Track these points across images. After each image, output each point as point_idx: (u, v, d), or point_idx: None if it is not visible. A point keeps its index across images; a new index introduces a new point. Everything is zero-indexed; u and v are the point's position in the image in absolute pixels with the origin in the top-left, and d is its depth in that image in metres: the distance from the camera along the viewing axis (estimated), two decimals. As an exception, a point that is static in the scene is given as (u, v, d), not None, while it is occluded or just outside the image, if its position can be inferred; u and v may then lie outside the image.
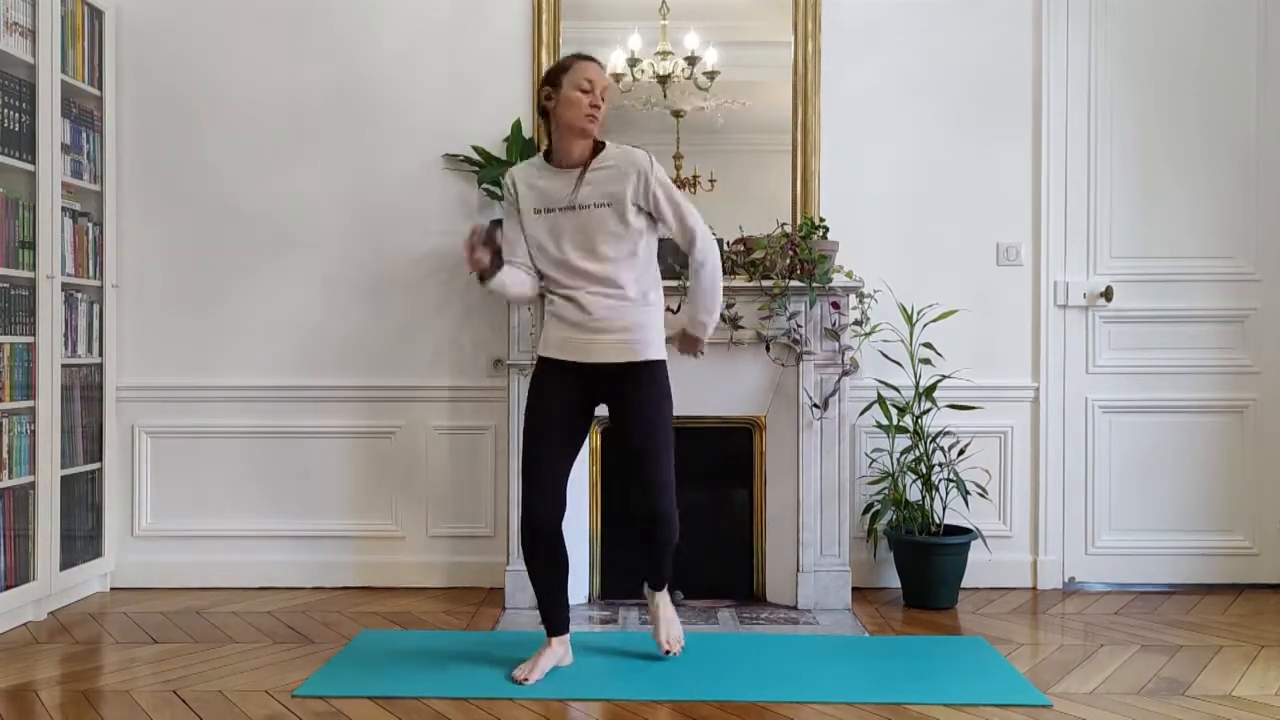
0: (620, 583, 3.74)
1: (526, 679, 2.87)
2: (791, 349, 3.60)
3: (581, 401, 2.96)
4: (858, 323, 3.73)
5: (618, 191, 2.86)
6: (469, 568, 3.94)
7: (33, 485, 3.44)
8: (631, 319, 2.89)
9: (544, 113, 2.93)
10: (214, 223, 3.97)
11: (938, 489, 3.74)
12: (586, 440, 3.51)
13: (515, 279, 2.95)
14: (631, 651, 3.13)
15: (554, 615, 2.98)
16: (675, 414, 3.00)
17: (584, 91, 2.83)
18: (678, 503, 2.96)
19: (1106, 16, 3.95)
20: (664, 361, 2.96)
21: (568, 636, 3.02)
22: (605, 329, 2.88)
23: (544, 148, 3.04)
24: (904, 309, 3.77)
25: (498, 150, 3.86)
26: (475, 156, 3.83)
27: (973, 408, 3.82)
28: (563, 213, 2.88)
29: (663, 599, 3.15)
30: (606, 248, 2.86)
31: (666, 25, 3.90)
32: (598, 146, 2.91)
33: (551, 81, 2.89)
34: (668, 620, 3.12)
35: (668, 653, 3.06)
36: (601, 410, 3.00)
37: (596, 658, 3.06)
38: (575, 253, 2.87)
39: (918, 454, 3.73)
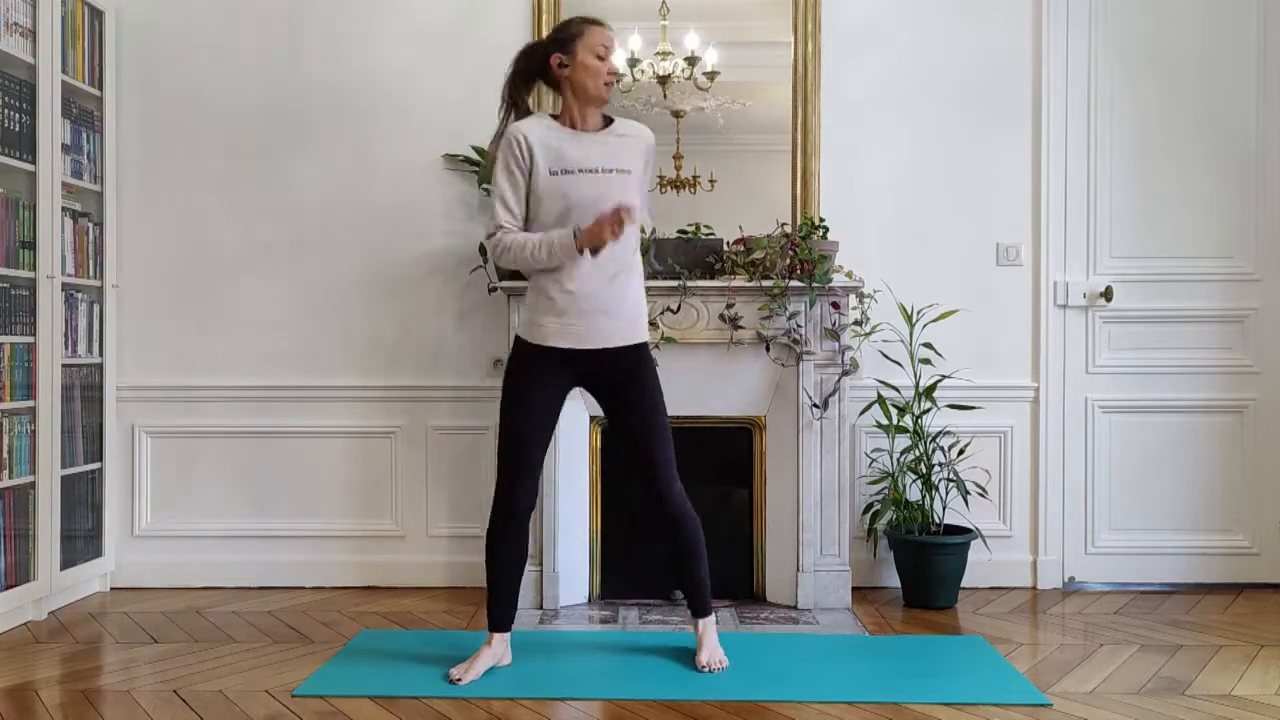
0: (620, 583, 3.74)
1: (461, 679, 2.83)
2: (791, 349, 3.60)
3: (564, 389, 2.92)
4: (858, 323, 3.73)
5: (635, 162, 2.86)
6: (469, 568, 3.93)
7: (33, 485, 3.44)
8: (634, 296, 2.87)
9: (551, 78, 2.87)
10: (214, 223, 3.97)
11: (938, 489, 3.74)
12: (585, 440, 3.50)
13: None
14: (631, 651, 3.12)
15: (505, 610, 2.95)
16: (675, 414, 3.00)
17: (600, 58, 2.80)
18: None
19: (1106, 16, 3.95)
20: (649, 343, 2.96)
21: (509, 635, 2.99)
22: (610, 309, 2.82)
23: (535, 109, 2.95)
24: (904, 309, 3.77)
25: (498, 150, 3.86)
26: (475, 157, 3.83)
27: (973, 408, 3.81)
28: (582, 175, 2.79)
29: (707, 627, 2.99)
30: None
31: (666, 25, 3.90)
32: (606, 117, 2.91)
33: (563, 48, 2.83)
34: (709, 646, 2.98)
35: (706, 668, 2.93)
36: (593, 408, 2.97)
37: (597, 658, 3.06)
38: (587, 221, 2.74)
39: (918, 454, 3.73)
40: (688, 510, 2.94)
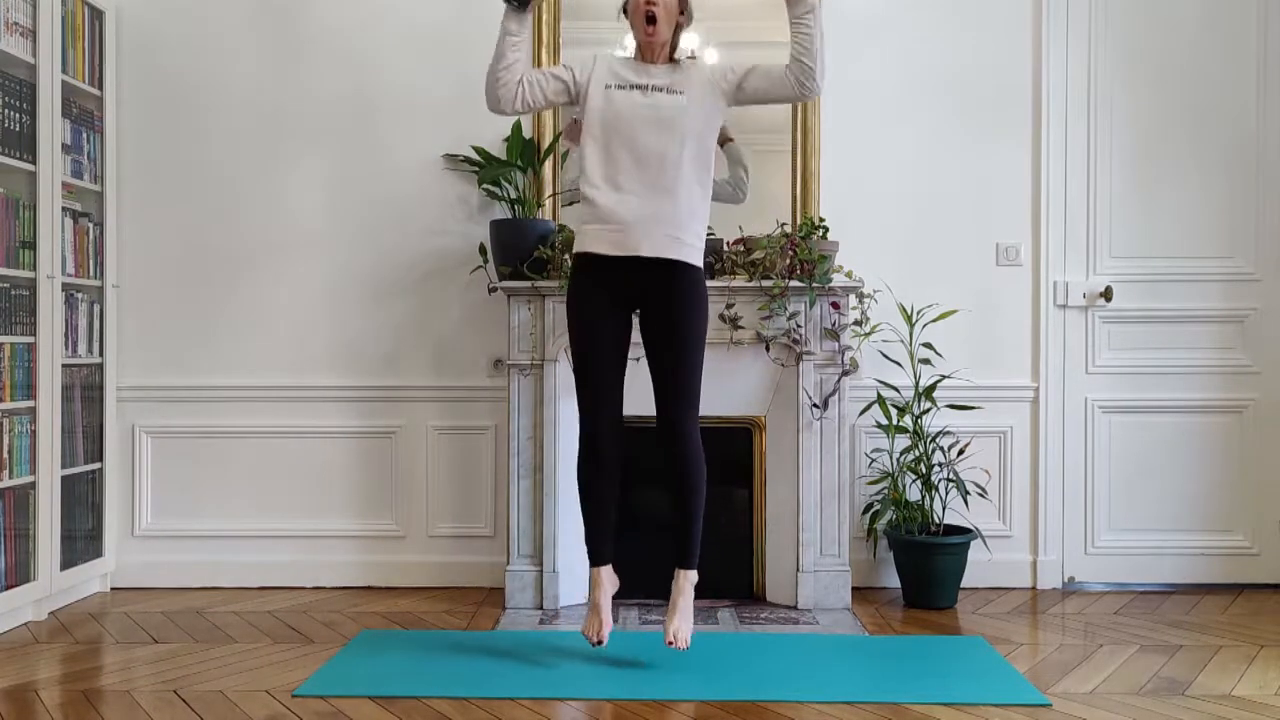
0: (620, 583, 3.73)
1: (595, 638, 2.98)
2: (791, 349, 3.60)
3: (613, 303, 2.93)
4: (857, 323, 3.73)
5: (696, 82, 2.89)
6: (469, 568, 3.94)
7: (33, 485, 3.44)
8: (678, 215, 2.85)
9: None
10: (214, 223, 3.97)
11: (937, 489, 3.74)
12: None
13: (519, 54, 2.92)
14: (631, 651, 3.12)
15: (602, 543, 3.03)
16: None
17: (640, 3, 2.88)
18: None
19: (1106, 17, 3.95)
20: (702, 272, 2.94)
21: (607, 567, 3.06)
22: (646, 218, 2.84)
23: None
24: (904, 309, 3.77)
25: (498, 150, 3.86)
26: (475, 157, 3.83)
27: (972, 408, 3.82)
28: (638, 90, 2.89)
29: (687, 584, 2.98)
30: (670, 135, 2.85)
31: (666, 25, 3.89)
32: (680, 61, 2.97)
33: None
34: (683, 613, 2.96)
35: (671, 644, 2.94)
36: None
37: (597, 658, 3.06)
38: (641, 135, 2.85)
39: (917, 454, 3.73)
40: (694, 452, 2.93)
